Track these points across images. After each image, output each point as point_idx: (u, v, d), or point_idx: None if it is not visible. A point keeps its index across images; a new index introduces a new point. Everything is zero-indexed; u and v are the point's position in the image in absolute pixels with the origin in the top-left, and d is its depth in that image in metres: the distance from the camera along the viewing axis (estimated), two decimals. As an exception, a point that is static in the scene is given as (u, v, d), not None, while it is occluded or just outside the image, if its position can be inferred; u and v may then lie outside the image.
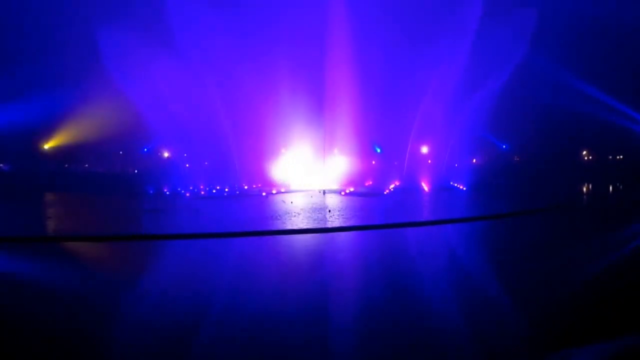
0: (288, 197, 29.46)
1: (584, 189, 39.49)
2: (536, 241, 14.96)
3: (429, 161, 41.82)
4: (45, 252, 13.55)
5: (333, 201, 26.46)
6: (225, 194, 33.95)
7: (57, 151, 55.85)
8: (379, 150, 42.82)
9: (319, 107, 38.41)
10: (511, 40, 37.87)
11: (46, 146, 55.37)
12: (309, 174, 40.04)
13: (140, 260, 12.95)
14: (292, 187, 39.27)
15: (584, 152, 64.27)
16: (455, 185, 38.24)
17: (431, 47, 37.55)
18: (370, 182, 40.88)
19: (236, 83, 37.49)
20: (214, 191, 36.47)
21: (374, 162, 43.76)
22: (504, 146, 57.10)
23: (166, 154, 53.09)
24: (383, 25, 36.82)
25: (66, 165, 61.68)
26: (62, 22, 45.68)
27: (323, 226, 16.47)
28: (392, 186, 36.40)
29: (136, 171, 56.34)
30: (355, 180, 38.63)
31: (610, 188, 40.07)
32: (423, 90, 37.60)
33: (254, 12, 38.42)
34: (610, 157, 63.62)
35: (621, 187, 41.69)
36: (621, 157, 61.95)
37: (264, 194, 33.56)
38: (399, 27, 38.13)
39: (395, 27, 37.87)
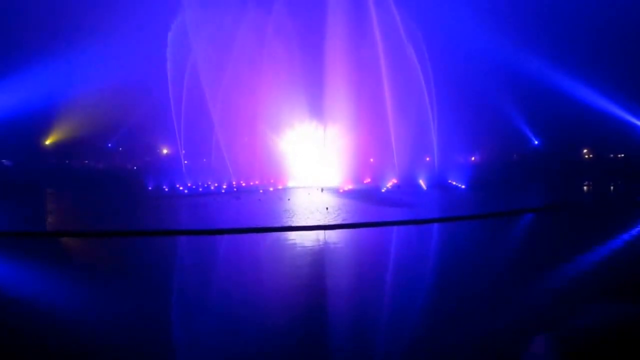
0: (286, 195, 29.45)
1: (585, 188, 39.35)
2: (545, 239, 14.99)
3: (427, 159, 41.64)
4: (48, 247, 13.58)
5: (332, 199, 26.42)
6: (223, 191, 33.94)
7: (58, 147, 55.88)
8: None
9: (317, 103, 38.28)
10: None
11: (47, 142, 55.40)
12: (307, 170, 39.97)
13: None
14: (290, 184, 39.24)
15: (585, 151, 63.91)
16: (454, 183, 38.08)
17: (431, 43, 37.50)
18: (369, 180, 40.79)
19: (234, 79, 37.43)
20: (212, 188, 36.53)
21: (371, 160, 43.61)
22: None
23: (165, 151, 53.18)
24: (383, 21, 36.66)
25: (67, 162, 61.73)
26: (61, 19, 45.67)
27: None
28: (389, 184, 36.30)
29: (135, 168, 56.50)
30: (354, 177, 38.53)
31: (612, 187, 39.88)
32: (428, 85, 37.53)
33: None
34: (612, 155, 63.22)
35: (622, 185, 41.48)
36: (622, 155, 61.56)
37: (261, 190, 33.56)
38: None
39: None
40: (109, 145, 56.56)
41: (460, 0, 40.72)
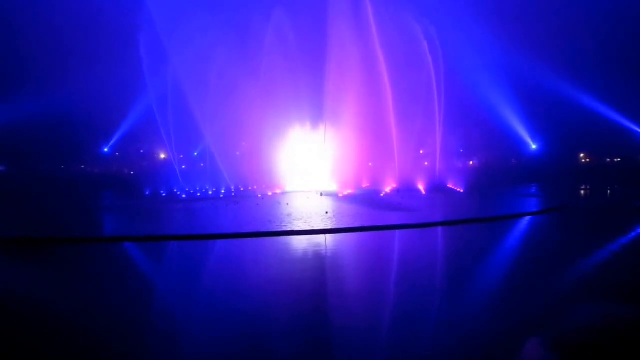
0: (285, 199, 29.30)
1: (582, 192, 39.39)
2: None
3: (426, 163, 41.68)
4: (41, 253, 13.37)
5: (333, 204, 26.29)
6: (222, 196, 33.75)
7: (53, 151, 55.53)
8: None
9: (317, 107, 38.24)
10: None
11: (43, 147, 55.05)
12: (306, 175, 39.87)
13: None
14: (289, 189, 39.09)
15: (582, 155, 64.19)
16: (452, 187, 38.08)
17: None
18: (368, 184, 40.73)
19: (233, 84, 37.32)
20: (210, 193, 36.34)
21: (370, 164, 43.58)
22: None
23: (162, 156, 52.98)
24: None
25: (62, 167, 61.38)
26: (59, 23, 45.63)
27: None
28: (388, 188, 36.23)
29: (132, 173, 56.23)
30: (353, 182, 38.44)
31: (609, 192, 39.94)
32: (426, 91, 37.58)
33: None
34: (609, 159, 63.51)
35: (619, 190, 41.54)
36: (619, 159, 61.86)
37: (259, 195, 33.36)
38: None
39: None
40: (106, 150, 56.31)
41: (464, 6, 40.90)
